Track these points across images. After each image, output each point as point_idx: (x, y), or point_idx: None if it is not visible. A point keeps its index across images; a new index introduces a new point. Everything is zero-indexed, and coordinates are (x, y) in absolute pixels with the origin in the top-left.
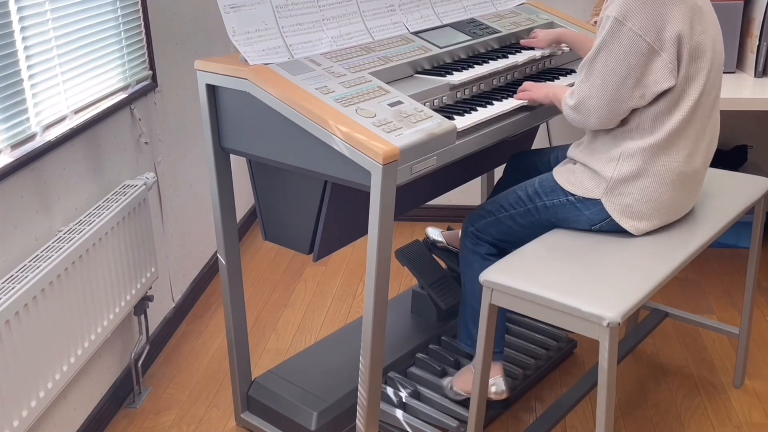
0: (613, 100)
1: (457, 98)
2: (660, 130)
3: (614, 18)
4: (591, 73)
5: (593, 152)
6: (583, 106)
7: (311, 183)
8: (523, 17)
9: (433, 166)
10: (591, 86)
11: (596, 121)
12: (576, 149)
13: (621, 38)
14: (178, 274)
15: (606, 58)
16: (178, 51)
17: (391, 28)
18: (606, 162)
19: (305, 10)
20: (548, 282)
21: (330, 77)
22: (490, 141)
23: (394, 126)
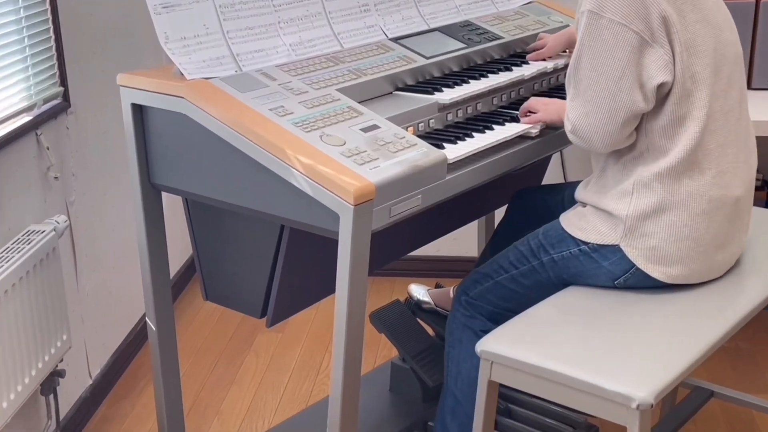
0: (613, 110)
1: (448, 121)
2: (674, 147)
3: (589, 12)
4: (578, 84)
5: (603, 189)
6: (582, 128)
7: (264, 229)
8: (530, 19)
9: (418, 207)
10: (583, 101)
11: (601, 141)
12: (584, 190)
13: (602, 33)
14: (97, 343)
15: (591, 62)
16: (97, 62)
17: (365, 33)
18: (619, 198)
19: (257, 10)
20: (562, 353)
21: (288, 95)
22: (490, 176)
23: (369, 156)
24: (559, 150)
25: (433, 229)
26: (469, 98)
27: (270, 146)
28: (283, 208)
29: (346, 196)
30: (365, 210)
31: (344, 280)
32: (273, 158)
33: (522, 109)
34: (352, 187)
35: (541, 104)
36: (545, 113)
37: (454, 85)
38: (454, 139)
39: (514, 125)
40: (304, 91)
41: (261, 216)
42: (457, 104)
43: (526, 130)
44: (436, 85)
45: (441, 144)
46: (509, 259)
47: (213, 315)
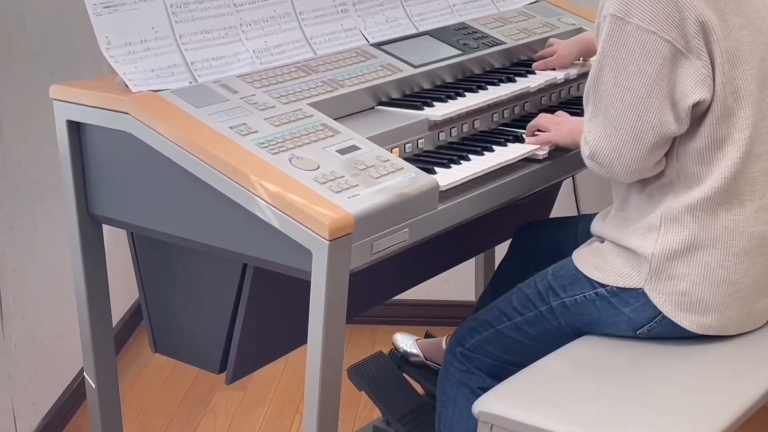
0: (639, 133)
1: (440, 142)
2: (710, 174)
3: (612, 16)
4: (598, 102)
5: (625, 222)
6: (602, 153)
7: (224, 268)
8: (537, 21)
9: (405, 242)
10: (604, 121)
11: (624, 169)
12: (602, 222)
13: (627, 42)
14: (26, 403)
15: (614, 75)
16: (26, 71)
17: (343, 37)
18: (644, 233)
19: (215, 11)
20: (574, 415)
21: (251, 110)
22: (489, 206)
23: (347, 183)
24: (572, 176)
25: (423, 269)
26: (465, 114)
27: (230, 171)
28: (245, 243)
29: (319, 230)
30: (342, 246)
31: (318, 328)
32: (234, 185)
33: (529, 128)
34: (326, 218)
35: (552, 123)
36: (557, 133)
37: (447, 99)
38: (447, 162)
39: (518, 146)
40: (270, 105)
41: (220, 253)
42: (450, 121)
43: (532, 151)
44: (426, 99)
45: (432, 168)
46: (512, 303)
47: (163, 369)
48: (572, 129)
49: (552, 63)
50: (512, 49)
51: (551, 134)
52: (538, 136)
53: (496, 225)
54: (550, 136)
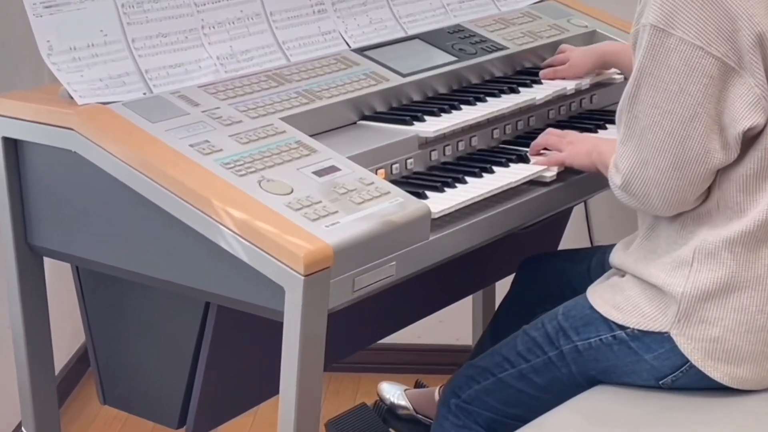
0: (680, 161)
1: (433, 162)
2: (754, 206)
3: (652, 26)
4: (634, 124)
5: (652, 254)
6: (636, 182)
7: (183, 308)
8: (544, 23)
9: (392, 278)
10: (639, 146)
11: (663, 200)
12: (623, 252)
13: (669, 57)
14: None
15: (652, 95)
16: None
17: (320, 41)
18: (673, 268)
19: (173, 11)
20: None
21: (215, 126)
22: (488, 236)
23: (325, 209)
24: (584, 201)
25: (412, 309)
26: (461, 130)
27: (190, 195)
28: (208, 279)
29: (293, 263)
30: (320, 282)
31: (291, 376)
32: (194, 212)
33: (534, 147)
34: (301, 250)
35: (564, 141)
36: (571, 154)
37: (441, 113)
38: (440, 185)
39: (521, 167)
40: (237, 120)
41: (179, 290)
42: (444, 138)
43: (538, 173)
44: (416, 113)
45: (422, 192)
46: (516, 348)
47: (113, 424)
48: (589, 150)
49: (562, 72)
50: (515, 56)
51: (564, 155)
52: (548, 156)
53: (497, 258)
54: (562, 158)
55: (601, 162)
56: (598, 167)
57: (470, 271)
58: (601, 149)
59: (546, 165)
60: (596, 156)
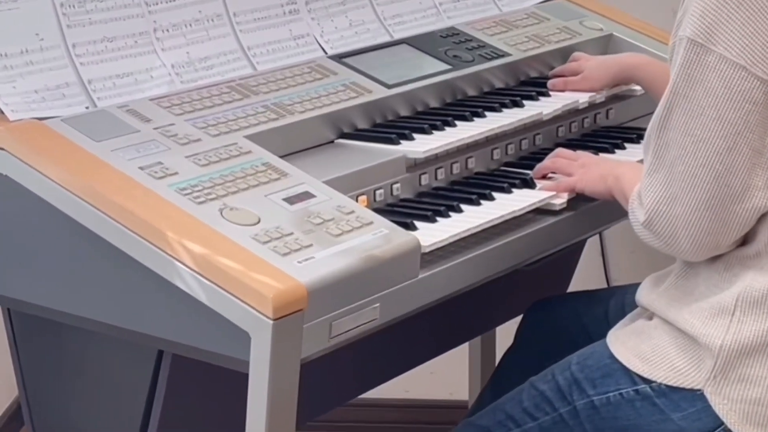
0: (714, 200)
1: (423, 187)
2: None
3: (690, 40)
4: (663, 152)
5: (687, 296)
6: (661, 220)
7: (133, 356)
8: (552, 26)
9: (375, 322)
10: (668, 179)
11: (692, 243)
12: (652, 290)
13: (707, 77)
14: None
15: (685, 120)
16: None
17: (291, 47)
18: (712, 315)
19: (120, 11)
20: None
21: (169, 145)
22: (487, 273)
23: (297, 243)
24: (598, 233)
25: (399, 358)
26: (456, 150)
27: (140, 227)
28: (161, 324)
29: (260, 305)
30: (291, 326)
31: None
32: (145, 245)
33: (539, 170)
34: (270, 290)
35: (576, 164)
36: (583, 178)
37: (432, 130)
38: (431, 214)
39: (526, 193)
40: (195, 138)
41: (128, 336)
42: (436, 160)
43: (545, 200)
44: (404, 130)
45: (411, 222)
46: (522, 404)
47: None
48: (605, 173)
49: (574, 85)
50: (519, 63)
51: (575, 180)
52: (557, 180)
53: (498, 299)
54: (573, 183)
55: (618, 188)
56: (615, 194)
57: (466, 314)
58: (619, 173)
59: (554, 191)
60: (612, 181)
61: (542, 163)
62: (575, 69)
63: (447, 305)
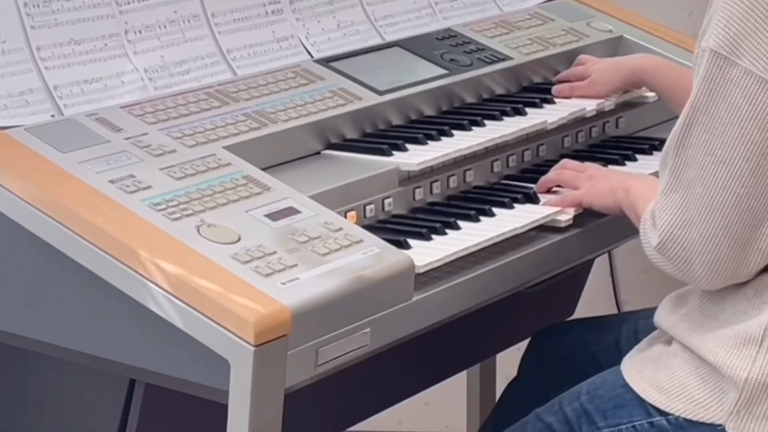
0: (734, 225)
1: (417, 202)
2: None
3: (713, 52)
4: (681, 171)
5: (711, 321)
6: (675, 245)
7: (103, 386)
8: (557, 27)
9: (365, 348)
10: (685, 201)
11: (706, 272)
12: (672, 313)
13: (730, 93)
14: None
15: (706, 138)
16: None
17: (275, 50)
18: (737, 345)
19: (88, 12)
20: None
21: (142, 156)
22: (486, 296)
23: (281, 262)
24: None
25: (391, 388)
26: (453, 162)
27: (111, 245)
28: (133, 351)
29: (241, 331)
30: (275, 353)
31: None
32: (116, 265)
33: (543, 183)
34: (251, 314)
35: (583, 176)
36: (592, 192)
37: (427, 141)
38: (426, 232)
39: (528, 208)
40: (169, 149)
41: (96, 365)
42: (431, 172)
43: (550, 216)
44: (396, 140)
45: (404, 241)
46: None
47: None
48: (614, 186)
49: (580, 90)
50: (521, 68)
51: (582, 193)
52: (563, 195)
53: (498, 324)
54: (580, 197)
55: (628, 203)
56: (624, 209)
57: (464, 340)
58: (629, 186)
59: (560, 206)
60: (622, 194)
61: (546, 176)
62: (582, 73)
63: (443, 331)
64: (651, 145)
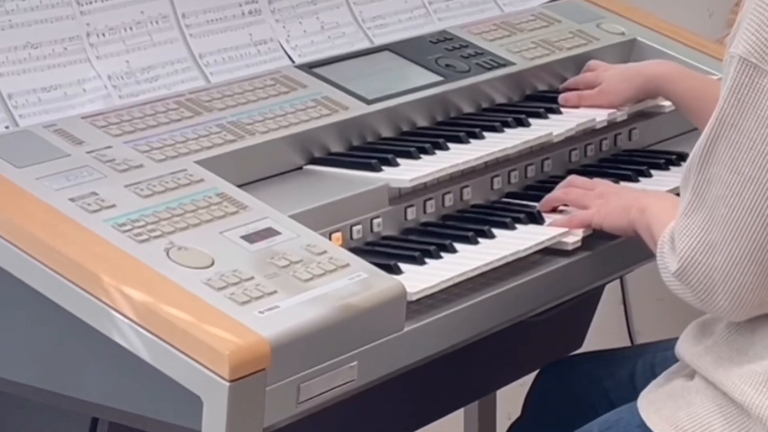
0: (762, 250)
1: (409, 222)
2: None
3: (741, 59)
4: (704, 190)
5: (737, 355)
6: (696, 271)
7: (62, 426)
8: (565, 29)
9: (352, 384)
10: (708, 223)
11: (729, 301)
12: (698, 344)
13: (759, 104)
14: None
15: (732, 155)
16: None
17: (252, 54)
18: (765, 382)
19: (46, 12)
20: None
21: (105, 172)
22: (485, 326)
23: (259, 289)
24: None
25: (381, 427)
26: (449, 178)
27: (71, 270)
28: (95, 387)
29: (214, 364)
30: (252, 389)
31: None
32: (76, 292)
33: (547, 201)
34: (226, 345)
35: (593, 194)
36: (602, 211)
37: (420, 155)
38: (419, 255)
39: (532, 230)
40: (136, 164)
41: (56, 402)
42: (425, 190)
43: (555, 239)
44: (386, 154)
45: (395, 265)
46: None
47: None
48: (627, 205)
49: (590, 100)
50: (524, 74)
51: (592, 213)
52: (570, 215)
53: (499, 357)
54: (590, 217)
55: (643, 224)
56: (639, 231)
57: (462, 375)
58: (644, 204)
59: (566, 227)
60: (637, 214)
61: (552, 194)
62: (591, 81)
63: (438, 365)
64: (667, 160)
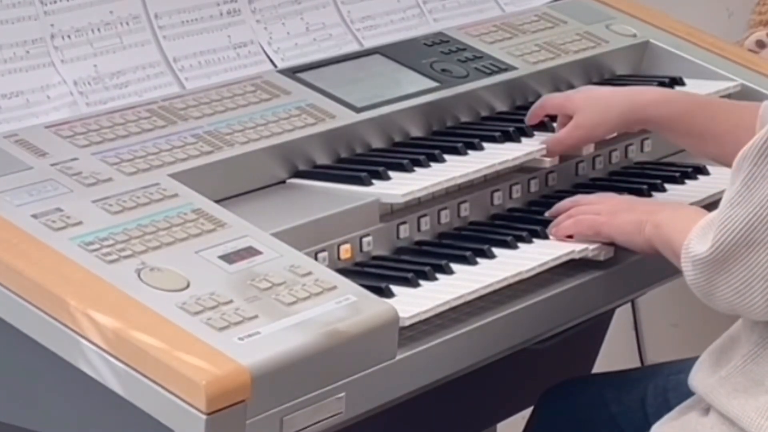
0: None
1: (401, 240)
2: None
3: None
4: (756, 185)
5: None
6: (737, 263)
7: None
8: (571, 30)
9: (339, 417)
10: (754, 219)
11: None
12: (711, 374)
13: None
14: None
15: None
16: None
17: (231, 58)
18: None
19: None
20: None
21: (71, 186)
22: (487, 354)
23: (238, 313)
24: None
25: None
26: (445, 193)
27: (34, 293)
28: (61, 420)
29: (190, 395)
30: (231, 422)
31: None
32: (40, 317)
33: (555, 212)
34: (202, 375)
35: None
36: (615, 224)
37: (414, 167)
38: (412, 277)
39: (536, 247)
40: (104, 178)
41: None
42: (419, 205)
43: (562, 258)
44: (377, 167)
45: (386, 287)
46: None
47: None
48: (640, 220)
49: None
50: (526, 80)
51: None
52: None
53: (500, 388)
54: (599, 223)
55: (660, 239)
56: (658, 247)
57: (459, 407)
58: (660, 220)
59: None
60: (652, 230)
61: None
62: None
63: (433, 395)
64: (683, 173)
